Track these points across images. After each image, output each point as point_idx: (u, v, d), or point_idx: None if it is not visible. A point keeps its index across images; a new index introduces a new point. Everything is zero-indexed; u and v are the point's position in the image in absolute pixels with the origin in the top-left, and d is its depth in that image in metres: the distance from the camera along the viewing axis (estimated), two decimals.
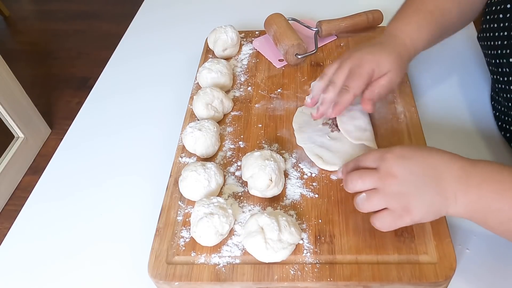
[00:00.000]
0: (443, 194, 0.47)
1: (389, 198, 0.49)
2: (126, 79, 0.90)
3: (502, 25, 0.62)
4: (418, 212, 0.48)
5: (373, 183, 0.49)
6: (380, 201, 0.49)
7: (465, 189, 0.47)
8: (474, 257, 0.56)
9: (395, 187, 0.48)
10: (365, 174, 0.50)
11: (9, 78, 1.74)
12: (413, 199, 0.48)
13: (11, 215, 1.62)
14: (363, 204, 0.50)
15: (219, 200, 0.56)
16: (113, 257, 0.60)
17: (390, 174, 0.48)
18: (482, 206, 0.46)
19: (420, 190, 0.48)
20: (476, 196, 0.46)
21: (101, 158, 0.74)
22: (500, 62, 0.64)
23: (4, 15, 2.77)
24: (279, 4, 0.94)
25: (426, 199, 0.48)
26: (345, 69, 0.61)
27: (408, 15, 0.66)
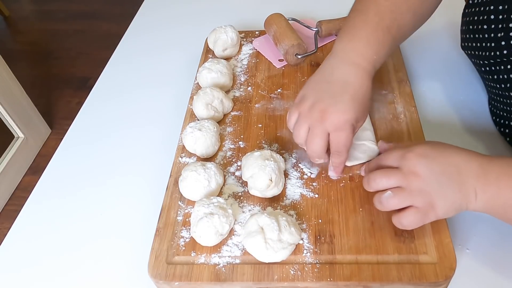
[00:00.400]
0: (464, 191, 0.49)
1: (414, 195, 0.50)
2: (126, 79, 0.90)
3: (481, 27, 0.62)
4: (442, 208, 0.49)
5: (397, 181, 0.51)
6: (406, 198, 0.50)
7: (484, 185, 0.48)
8: (474, 257, 0.56)
9: (419, 184, 0.49)
10: (389, 172, 0.52)
11: (9, 78, 1.74)
12: (437, 196, 0.49)
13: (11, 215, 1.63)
14: (388, 202, 0.51)
15: (219, 200, 0.56)
16: (113, 257, 0.60)
17: (413, 173, 0.50)
18: (502, 201, 0.48)
19: (443, 188, 0.49)
20: (495, 192, 0.48)
21: (101, 158, 0.74)
22: (484, 63, 0.64)
23: (4, 15, 2.77)
24: (279, 4, 0.94)
25: (449, 196, 0.49)
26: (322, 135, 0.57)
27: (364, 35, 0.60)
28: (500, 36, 0.60)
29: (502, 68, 0.61)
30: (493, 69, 0.64)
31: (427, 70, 0.82)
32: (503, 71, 0.61)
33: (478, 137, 0.70)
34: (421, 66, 0.83)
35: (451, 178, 0.49)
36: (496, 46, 0.61)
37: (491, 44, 0.62)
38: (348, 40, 0.61)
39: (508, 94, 0.63)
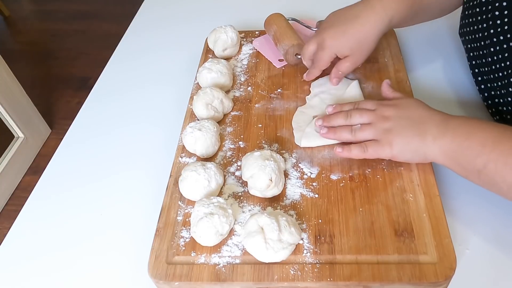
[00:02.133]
0: (422, 136, 0.56)
1: (378, 131, 0.59)
2: (126, 79, 0.90)
3: (480, 18, 0.64)
4: (397, 145, 0.58)
5: (368, 119, 0.61)
6: (371, 132, 0.60)
7: (442, 132, 0.55)
8: (474, 257, 0.56)
9: (385, 125, 0.59)
10: (364, 111, 0.62)
11: (9, 78, 1.74)
12: (397, 135, 0.58)
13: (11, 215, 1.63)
14: (357, 133, 0.61)
15: (219, 200, 0.56)
16: (113, 257, 0.60)
17: (383, 116, 0.60)
18: (455, 146, 0.54)
19: (404, 130, 0.58)
20: (451, 138, 0.54)
21: (101, 158, 0.74)
22: (483, 53, 0.66)
23: (4, 15, 2.77)
24: (279, 4, 0.94)
25: (406, 137, 0.57)
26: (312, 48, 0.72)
27: None
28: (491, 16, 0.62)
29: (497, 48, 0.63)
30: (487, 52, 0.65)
31: (427, 70, 0.82)
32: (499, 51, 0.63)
33: None
34: (421, 66, 0.83)
35: (414, 124, 0.58)
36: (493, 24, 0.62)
37: (488, 23, 0.63)
38: None
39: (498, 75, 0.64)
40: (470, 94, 0.77)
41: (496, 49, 0.63)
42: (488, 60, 0.65)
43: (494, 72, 0.65)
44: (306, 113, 0.70)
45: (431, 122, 0.57)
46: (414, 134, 0.57)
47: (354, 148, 0.60)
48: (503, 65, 0.62)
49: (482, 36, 0.65)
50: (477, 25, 0.65)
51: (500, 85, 0.64)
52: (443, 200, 0.57)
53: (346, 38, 0.69)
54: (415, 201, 0.57)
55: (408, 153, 0.58)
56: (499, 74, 0.64)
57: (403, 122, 0.58)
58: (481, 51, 0.67)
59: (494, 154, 0.50)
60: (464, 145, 0.53)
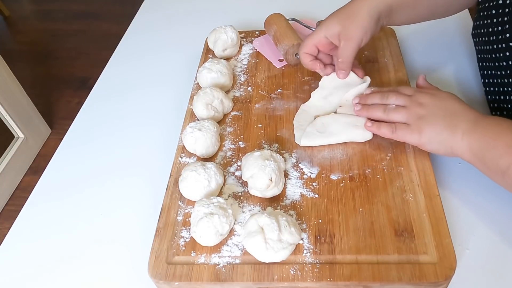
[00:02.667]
0: (453, 129, 0.56)
1: (411, 115, 0.59)
2: (126, 79, 0.90)
3: (495, 20, 0.63)
4: (427, 134, 0.58)
5: (404, 102, 0.61)
6: (404, 115, 0.60)
7: (472, 129, 0.55)
8: (474, 257, 0.56)
9: (420, 111, 0.59)
10: (401, 95, 0.62)
11: (9, 78, 1.74)
12: (428, 123, 0.58)
13: (11, 215, 1.63)
14: (390, 112, 0.61)
15: (219, 200, 0.56)
16: (113, 257, 0.60)
17: (419, 102, 0.60)
18: (482, 144, 0.54)
19: (436, 119, 0.58)
20: (479, 136, 0.54)
21: (101, 158, 0.74)
22: (496, 56, 0.65)
23: (4, 15, 2.77)
24: (279, 4, 0.94)
25: (438, 127, 0.57)
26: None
27: None
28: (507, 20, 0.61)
29: (507, 54, 0.62)
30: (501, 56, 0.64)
31: (427, 70, 0.82)
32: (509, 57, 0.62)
33: None
34: (421, 67, 0.83)
35: (447, 115, 0.58)
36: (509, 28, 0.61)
37: (503, 27, 0.62)
38: None
39: (509, 80, 0.64)
40: (472, 95, 0.77)
41: (507, 55, 0.62)
42: (502, 64, 0.64)
43: (505, 77, 0.64)
44: (308, 112, 0.70)
45: (464, 117, 0.57)
46: (446, 126, 0.57)
47: (384, 126, 0.61)
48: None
49: (496, 39, 0.64)
50: (491, 27, 0.64)
51: (509, 90, 0.64)
52: (443, 200, 0.57)
53: (335, 16, 0.67)
54: (415, 201, 0.57)
55: (436, 143, 0.58)
56: (510, 80, 0.63)
57: (437, 111, 0.58)
58: (494, 54, 0.65)
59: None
60: (491, 145, 0.53)
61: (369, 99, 0.65)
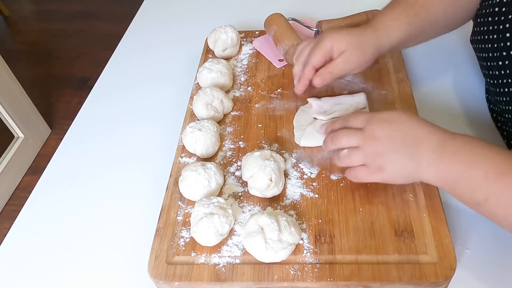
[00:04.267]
0: (417, 161, 0.51)
1: (367, 156, 0.54)
2: (126, 79, 0.90)
3: (492, 28, 0.63)
4: (390, 172, 0.53)
5: (356, 142, 0.55)
6: (359, 157, 0.54)
7: (439, 158, 0.50)
8: (474, 257, 0.56)
9: (375, 148, 0.53)
10: (351, 133, 0.56)
11: (9, 78, 1.74)
12: (388, 160, 0.53)
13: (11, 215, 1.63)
14: (343, 159, 0.56)
15: (219, 200, 0.56)
16: (113, 257, 0.60)
17: (373, 136, 0.53)
18: (454, 174, 0.49)
19: (396, 154, 0.52)
20: (449, 165, 0.49)
21: (101, 158, 0.74)
22: (491, 65, 0.64)
23: (4, 15, 2.77)
24: (279, 4, 0.94)
25: (399, 162, 0.52)
26: (309, 47, 0.68)
27: (387, 6, 0.69)
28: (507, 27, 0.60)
29: (506, 63, 0.62)
30: (495, 65, 0.64)
31: (427, 70, 0.82)
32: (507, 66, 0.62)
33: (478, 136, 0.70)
34: (421, 67, 0.83)
35: (407, 146, 0.52)
36: (502, 37, 0.61)
37: (498, 36, 0.62)
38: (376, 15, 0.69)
39: (508, 90, 0.63)
40: (473, 97, 0.77)
41: (505, 63, 0.61)
42: (495, 73, 0.63)
43: (500, 86, 0.64)
44: (307, 113, 0.70)
45: (426, 145, 0.51)
46: (407, 158, 0.51)
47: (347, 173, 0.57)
48: (510, 80, 0.61)
49: (492, 47, 0.63)
50: (487, 35, 0.64)
51: (504, 100, 0.64)
52: (443, 200, 0.57)
53: (347, 32, 0.66)
54: (415, 201, 0.57)
55: (402, 178, 0.54)
56: (505, 89, 0.62)
57: (395, 145, 0.52)
58: (489, 62, 0.65)
59: (497, 189, 0.46)
60: (464, 176, 0.48)
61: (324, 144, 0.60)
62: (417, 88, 0.77)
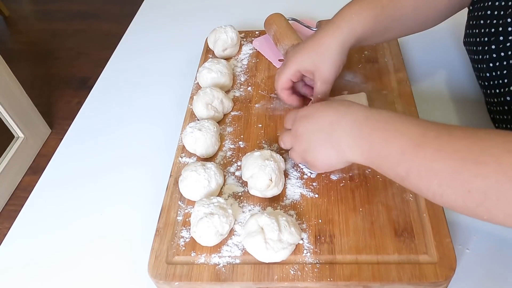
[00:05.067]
0: (338, 147, 0.52)
1: (299, 154, 0.57)
2: (126, 79, 0.90)
3: (483, 30, 0.63)
4: (320, 164, 0.55)
5: (289, 144, 0.59)
6: (296, 156, 0.58)
7: (356, 141, 0.50)
8: (474, 257, 0.56)
9: (301, 145, 0.56)
10: (284, 135, 0.60)
11: (9, 78, 1.74)
12: (313, 154, 0.55)
13: (11, 215, 1.63)
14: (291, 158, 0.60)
15: (219, 200, 0.56)
16: (113, 257, 0.60)
17: (297, 134, 0.56)
18: (375, 154, 0.49)
19: (318, 146, 0.54)
20: (368, 146, 0.49)
21: (101, 158, 0.74)
22: (481, 67, 0.64)
23: (4, 15, 2.77)
24: (279, 4, 0.94)
25: (322, 154, 0.54)
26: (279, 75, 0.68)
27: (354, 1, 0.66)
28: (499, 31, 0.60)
29: (497, 64, 0.62)
30: (485, 67, 0.64)
31: (427, 70, 0.82)
32: (498, 67, 0.62)
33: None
34: (421, 66, 0.83)
35: (325, 136, 0.53)
36: (494, 40, 0.61)
37: (490, 39, 0.62)
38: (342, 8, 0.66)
39: (500, 91, 0.63)
40: (471, 96, 0.77)
41: (496, 65, 0.61)
42: (486, 75, 0.64)
43: (491, 88, 0.64)
44: None
45: (341, 130, 0.51)
46: (329, 148, 0.53)
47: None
48: (501, 82, 0.61)
49: (483, 50, 0.63)
50: (479, 38, 0.64)
51: (496, 101, 0.64)
52: None
53: (307, 50, 0.64)
54: (415, 201, 0.57)
55: (334, 166, 0.55)
56: (495, 91, 0.63)
57: (315, 137, 0.54)
58: (481, 64, 0.65)
59: (416, 162, 0.45)
60: (383, 154, 0.48)
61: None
62: (417, 88, 0.77)
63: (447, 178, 0.42)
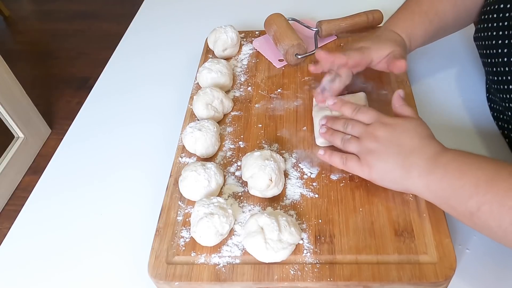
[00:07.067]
0: (407, 169, 0.52)
1: (362, 149, 0.56)
2: (126, 79, 0.90)
3: (496, 25, 0.63)
4: (377, 172, 0.55)
5: (359, 132, 0.58)
6: (355, 146, 0.57)
7: (431, 169, 0.51)
8: (474, 257, 0.56)
9: (371, 144, 0.56)
10: (357, 124, 0.59)
11: (9, 78, 1.74)
12: (378, 159, 0.55)
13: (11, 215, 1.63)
14: (345, 143, 0.59)
15: (219, 200, 0.56)
16: (113, 258, 0.60)
17: (373, 134, 0.56)
18: (445, 185, 0.49)
19: (388, 156, 0.54)
20: (441, 175, 0.50)
21: (101, 158, 0.74)
22: (495, 61, 0.65)
23: (4, 15, 2.77)
24: (279, 4, 0.94)
25: (388, 165, 0.54)
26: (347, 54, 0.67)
27: (403, 14, 0.72)
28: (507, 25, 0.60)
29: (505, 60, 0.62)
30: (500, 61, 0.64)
31: (427, 70, 0.82)
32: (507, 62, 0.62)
33: (477, 136, 0.70)
34: (421, 66, 0.83)
35: (400, 153, 0.53)
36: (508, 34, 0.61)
37: (504, 32, 0.62)
38: (390, 19, 0.73)
39: (505, 87, 0.63)
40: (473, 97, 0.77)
41: (510, 60, 0.61)
42: (500, 69, 0.64)
43: (504, 83, 0.64)
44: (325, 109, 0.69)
45: (420, 156, 0.52)
46: (398, 165, 0.53)
47: (336, 156, 0.59)
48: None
49: (496, 44, 0.63)
50: (492, 32, 0.64)
51: (508, 97, 0.64)
52: None
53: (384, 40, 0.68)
54: (415, 201, 0.57)
55: (388, 182, 0.55)
56: (509, 86, 0.62)
57: (390, 147, 0.54)
58: (494, 59, 0.65)
59: (489, 196, 0.45)
60: (456, 185, 0.48)
61: (335, 124, 0.62)
62: (417, 88, 0.77)
63: None
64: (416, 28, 0.70)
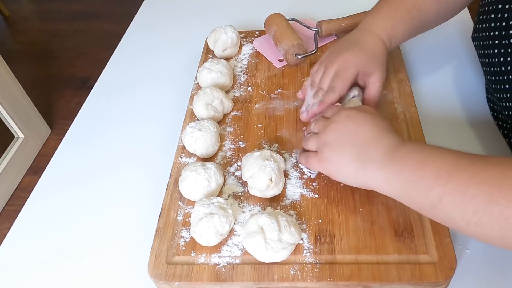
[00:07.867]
0: (363, 163, 0.51)
1: (319, 143, 0.56)
2: (126, 79, 0.90)
3: (494, 24, 0.63)
4: (335, 165, 0.54)
5: (319, 128, 0.58)
6: (313, 142, 0.57)
7: (388, 162, 0.49)
8: (474, 257, 0.56)
9: (327, 137, 0.55)
10: (320, 120, 0.59)
11: (9, 78, 1.74)
12: (334, 152, 0.54)
13: (11, 215, 1.63)
14: (304, 141, 0.60)
15: (219, 200, 0.56)
16: (113, 257, 0.60)
17: (330, 128, 0.55)
18: (404, 177, 0.47)
19: (343, 149, 0.53)
20: (399, 168, 0.48)
21: (101, 158, 0.74)
22: (492, 61, 0.65)
23: (4, 15, 2.77)
24: (279, 4, 0.94)
25: (344, 158, 0.53)
26: (331, 73, 0.66)
27: (384, 13, 0.70)
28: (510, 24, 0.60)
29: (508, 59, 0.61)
30: (497, 61, 0.64)
31: (427, 70, 0.82)
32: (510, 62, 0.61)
33: (478, 137, 0.70)
34: (421, 66, 0.83)
35: (356, 146, 0.52)
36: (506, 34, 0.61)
37: (501, 33, 0.62)
38: (370, 17, 0.70)
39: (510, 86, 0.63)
40: (473, 97, 0.77)
41: (507, 60, 0.61)
42: (497, 69, 0.64)
43: (501, 83, 0.64)
44: None
45: (377, 148, 0.51)
46: (354, 157, 0.52)
47: (301, 157, 0.59)
48: (511, 77, 0.61)
49: (493, 44, 0.63)
50: (490, 32, 0.64)
51: (505, 97, 0.64)
52: None
53: (364, 54, 0.66)
54: None
55: (345, 176, 0.54)
56: (505, 86, 0.63)
57: (346, 139, 0.53)
58: (492, 59, 0.65)
59: (451, 186, 0.43)
60: (416, 176, 0.46)
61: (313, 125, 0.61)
62: (417, 88, 0.77)
63: (483, 204, 0.41)
64: (397, 27, 0.68)
